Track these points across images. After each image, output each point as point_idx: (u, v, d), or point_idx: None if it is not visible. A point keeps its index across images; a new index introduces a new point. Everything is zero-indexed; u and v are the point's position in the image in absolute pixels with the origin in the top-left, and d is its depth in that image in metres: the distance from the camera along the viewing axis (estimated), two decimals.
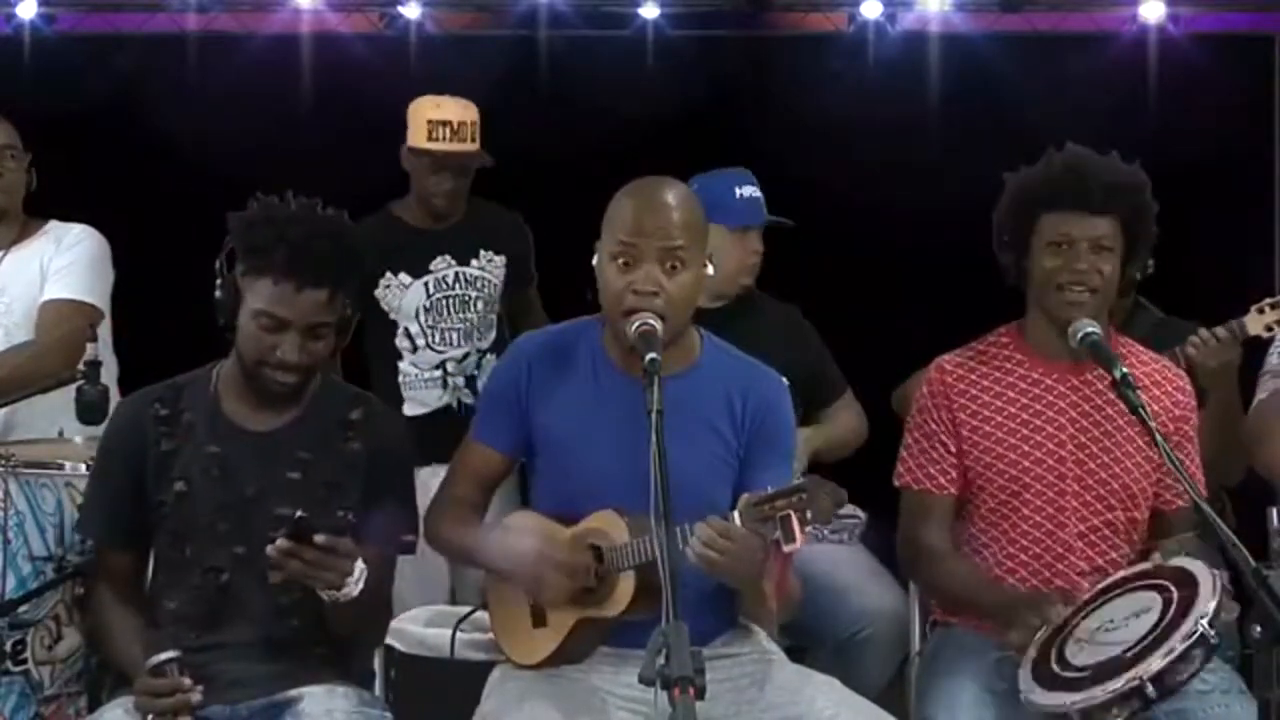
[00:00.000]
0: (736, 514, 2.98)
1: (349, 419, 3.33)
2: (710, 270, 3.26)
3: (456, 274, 4.88)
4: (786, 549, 2.94)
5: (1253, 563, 2.96)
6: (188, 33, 6.18)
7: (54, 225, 4.46)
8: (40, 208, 4.49)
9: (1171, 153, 5.92)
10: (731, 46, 6.46)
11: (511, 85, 6.23)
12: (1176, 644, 2.97)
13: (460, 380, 4.86)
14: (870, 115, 6.09)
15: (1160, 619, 3.06)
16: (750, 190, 4.44)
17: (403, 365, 4.83)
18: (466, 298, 4.89)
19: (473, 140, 4.87)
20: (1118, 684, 2.97)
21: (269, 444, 3.26)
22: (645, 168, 3.42)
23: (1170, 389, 3.49)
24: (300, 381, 3.26)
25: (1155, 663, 2.97)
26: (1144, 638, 3.04)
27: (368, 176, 6.20)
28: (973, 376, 3.50)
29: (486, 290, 4.92)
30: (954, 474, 3.48)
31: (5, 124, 4.44)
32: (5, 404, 4.08)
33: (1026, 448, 3.44)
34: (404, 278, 4.82)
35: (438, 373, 4.84)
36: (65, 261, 4.38)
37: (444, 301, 4.87)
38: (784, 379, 3.42)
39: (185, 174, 5.98)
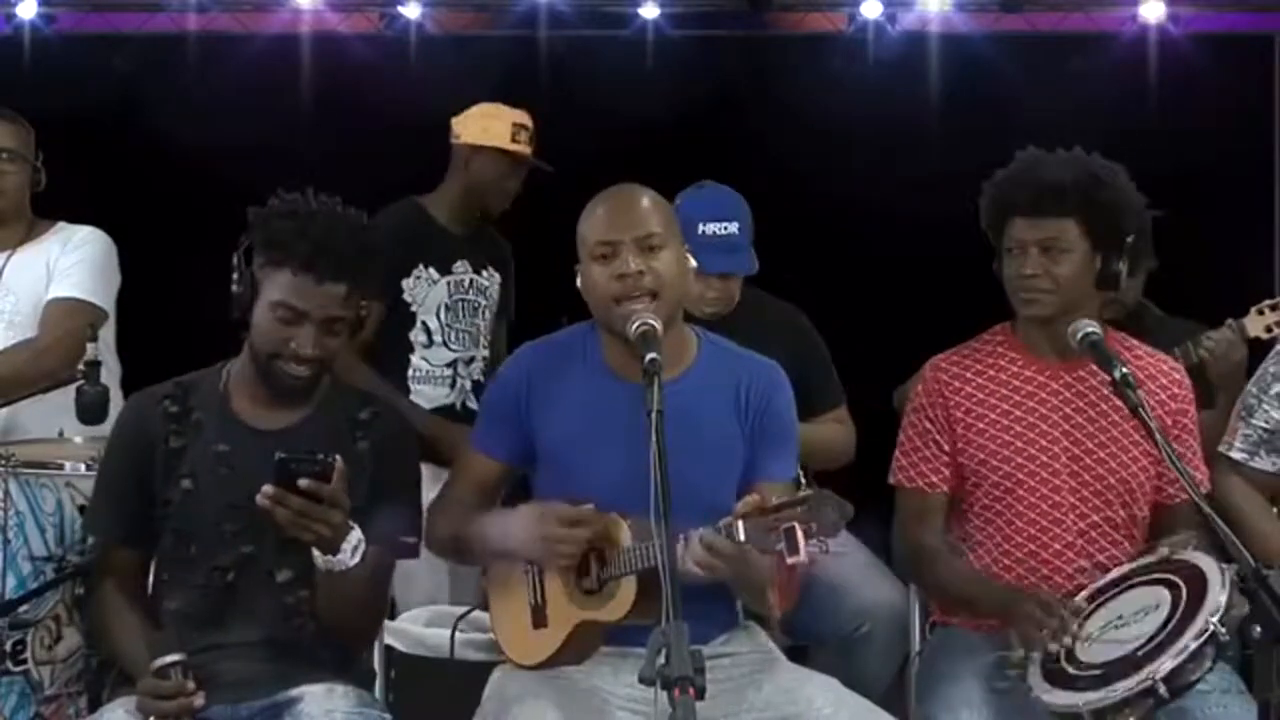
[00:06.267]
0: (740, 525, 2.94)
1: (358, 418, 3.33)
2: (693, 263, 3.30)
3: (471, 280, 4.95)
4: (790, 561, 2.91)
5: (1253, 563, 2.96)
6: (188, 33, 6.20)
7: (62, 226, 4.45)
8: (38, 207, 4.49)
9: (1171, 153, 5.94)
10: (731, 46, 6.47)
11: (511, 85, 6.22)
12: (1189, 642, 2.97)
13: (468, 383, 4.87)
14: (870, 115, 6.09)
15: (1170, 616, 3.06)
16: (716, 227, 4.05)
17: (415, 359, 4.84)
18: (477, 305, 4.95)
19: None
20: (1130, 684, 2.97)
21: (277, 443, 3.22)
22: (645, 167, 3.41)
23: (1166, 383, 3.48)
24: (314, 376, 3.26)
25: (1168, 662, 2.97)
26: (1155, 635, 3.04)
27: (368, 176, 6.22)
28: (967, 375, 3.51)
29: (489, 302, 5.00)
30: (947, 472, 3.49)
31: (5, 126, 4.42)
32: (5, 404, 4.08)
33: (1019, 444, 3.44)
34: (433, 273, 4.86)
35: (449, 371, 4.87)
36: (71, 261, 4.36)
37: (460, 304, 4.91)
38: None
39: (185, 174, 5.98)
